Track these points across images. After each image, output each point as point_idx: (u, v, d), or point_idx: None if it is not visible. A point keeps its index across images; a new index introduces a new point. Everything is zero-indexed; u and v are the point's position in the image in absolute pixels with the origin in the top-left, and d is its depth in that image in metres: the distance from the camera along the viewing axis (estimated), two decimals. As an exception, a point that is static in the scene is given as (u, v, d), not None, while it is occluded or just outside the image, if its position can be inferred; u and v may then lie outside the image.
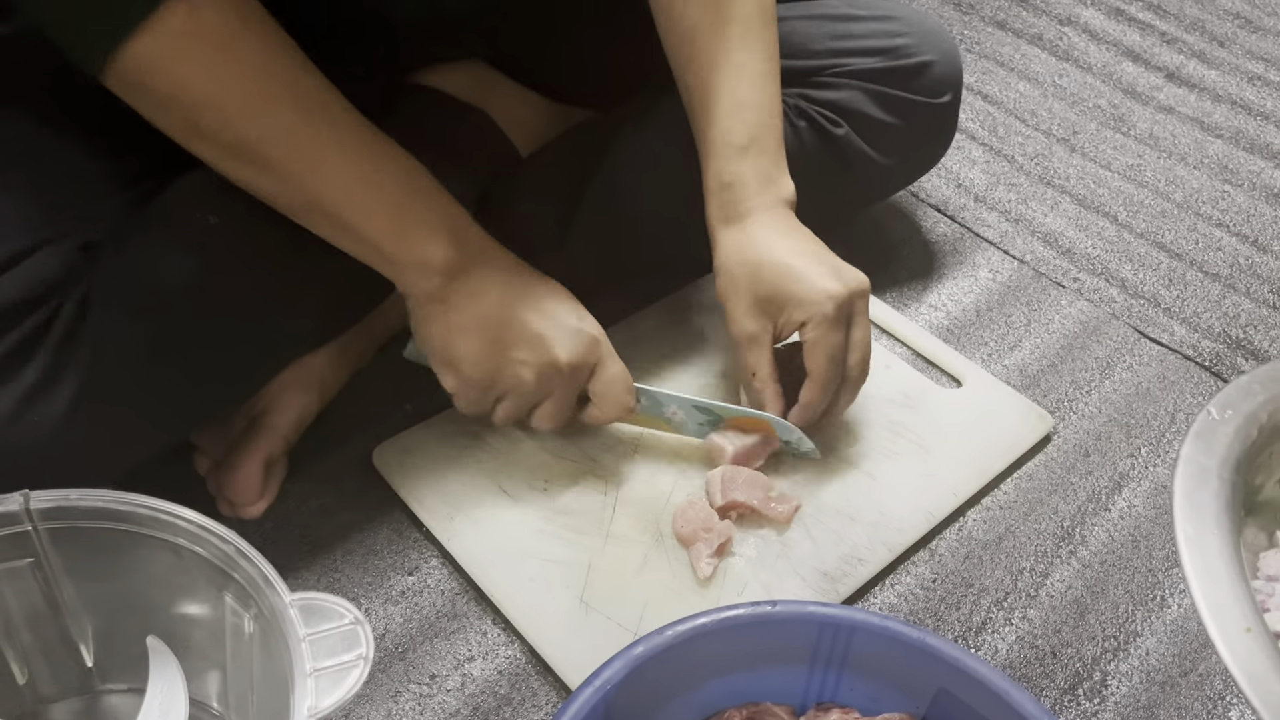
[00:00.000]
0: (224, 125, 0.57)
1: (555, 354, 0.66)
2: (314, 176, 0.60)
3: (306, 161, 0.59)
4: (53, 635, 0.57)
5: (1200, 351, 0.93)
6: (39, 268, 0.59)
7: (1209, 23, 1.40)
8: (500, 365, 0.66)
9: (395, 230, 0.62)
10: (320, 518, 0.74)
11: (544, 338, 0.66)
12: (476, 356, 0.66)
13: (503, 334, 0.65)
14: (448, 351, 0.66)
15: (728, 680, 0.58)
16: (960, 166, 1.12)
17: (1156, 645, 0.72)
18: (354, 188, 0.61)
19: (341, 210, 0.61)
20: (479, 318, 0.65)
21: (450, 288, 0.64)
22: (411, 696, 0.65)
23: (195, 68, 0.55)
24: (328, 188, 0.60)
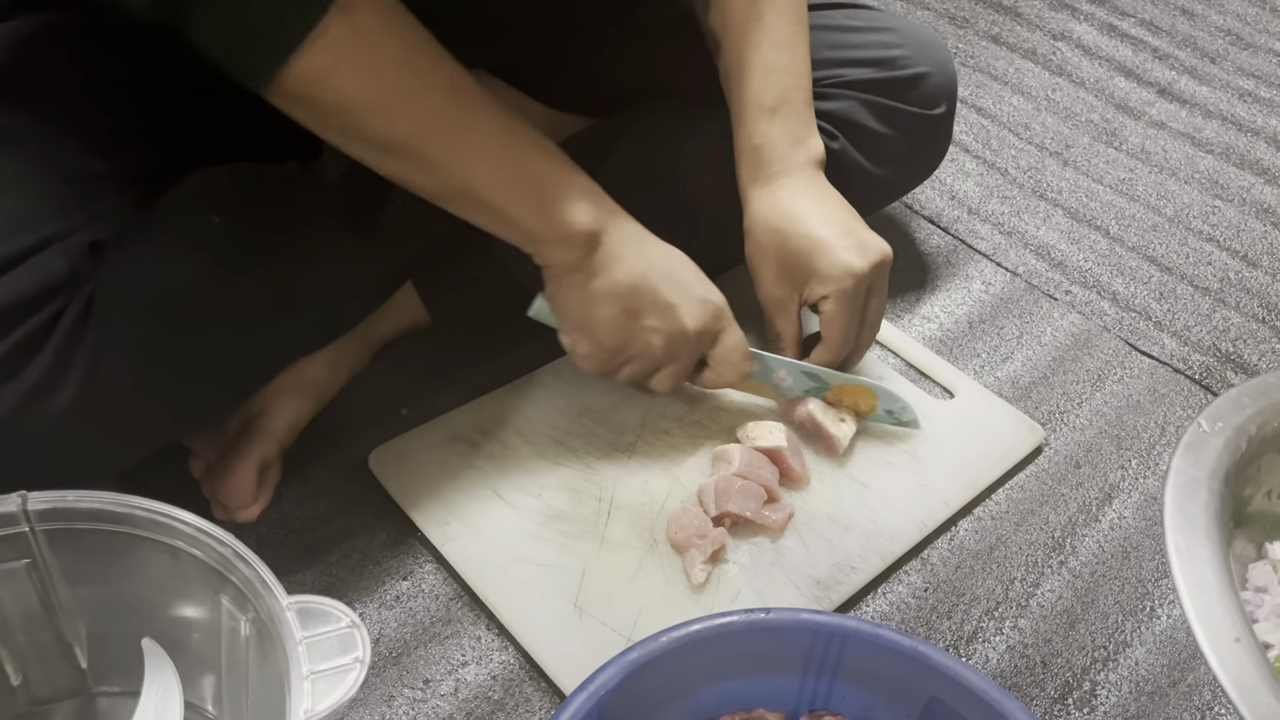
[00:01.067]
0: (382, 125, 0.59)
1: (684, 322, 0.69)
2: (463, 164, 0.62)
3: (455, 150, 0.61)
4: (48, 637, 0.57)
5: (1190, 365, 0.94)
6: (45, 266, 0.59)
7: (1200, 39, 1.41)
8: (633, 332, 0.69)
9: (539, 207, 0.64)
10: (316, 522, 0.74)
11: (674, 306, 0.69)
12: (611, 323, 0.69)
13: (636, 302, 0.68)
14: (585, 318, 0.69)
15: (721, 686, 0.58)
16: (954, 179, 1.12)
17: (1146, 655, 0.72)
18: (499, 171, 0.63)
19: (489, 193, 0.63)
20: (614, 287, 0.67)
21: (588, 259, 0.66)
22: (405, 701, 0.65)
23: (355, 73, 0.57)
24: (475, 173, 0.62)
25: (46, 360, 0.58)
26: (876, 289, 0.77)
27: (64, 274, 0.60)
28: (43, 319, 0.58)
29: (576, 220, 0.65)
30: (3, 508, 0.52)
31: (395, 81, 0.58)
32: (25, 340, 0.57)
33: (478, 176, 0.62)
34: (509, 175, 0.63)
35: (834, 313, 0.75)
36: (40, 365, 0.58)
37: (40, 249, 0.59)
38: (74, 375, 0.59)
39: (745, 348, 0.74)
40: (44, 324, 0.58)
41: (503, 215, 0.64)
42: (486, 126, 0.62)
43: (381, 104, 0.58)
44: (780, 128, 0.75)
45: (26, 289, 0.58)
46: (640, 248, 0.69)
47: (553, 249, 0.66)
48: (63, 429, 0.59)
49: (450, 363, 0.84)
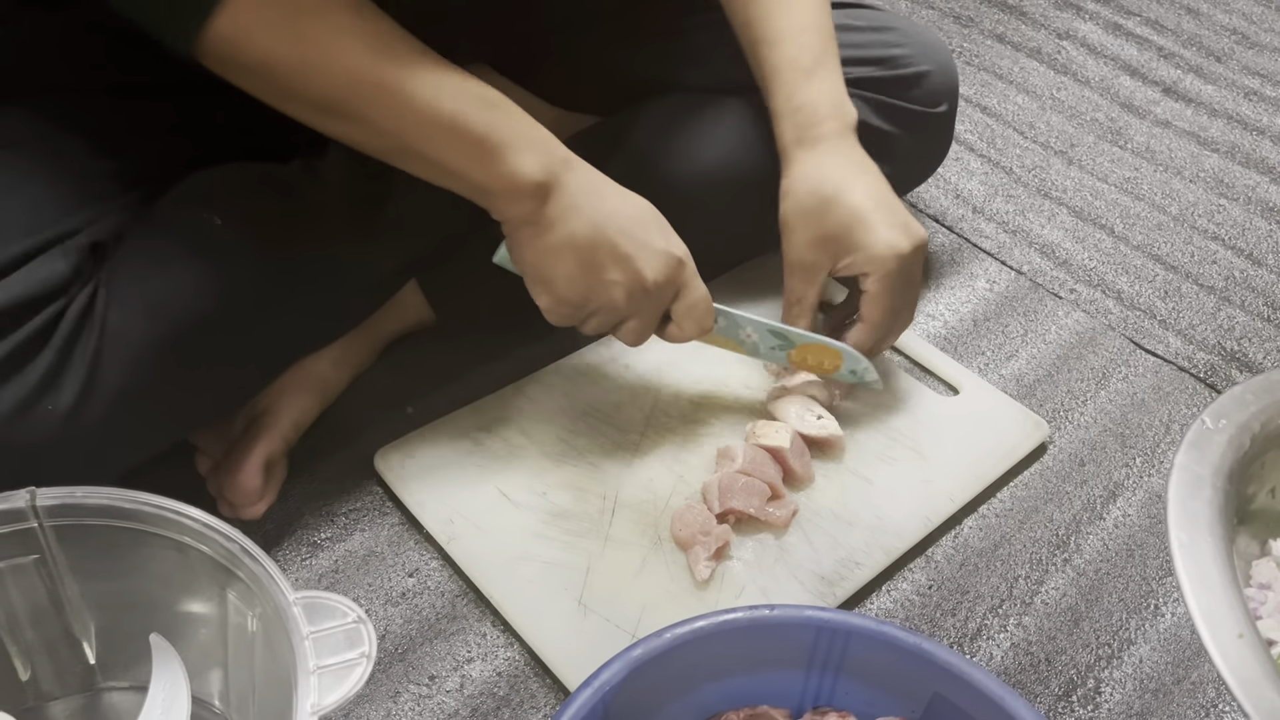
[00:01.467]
0: (305, 84, 0.58)
1: (643, 274, 0.68)
2: (396, 120, 0.61)
3: (387, 106, 0.60)
4: (56, 632, 0.57)
5: (1195, 363, 0.94)
6: (48, 267, 0.59)
7: (1206, 38, 1.41)
8: (592, 285, 0.67)
9: (482, 160, 0.63)
10: (322, 519, 0.74)
11: (632, 258, 0.67)
12: (570, 276, 0.67)
13: (594, 255, 0.66)
14: (542, 272, 0.67)
15: (725, 683, 0.58)
16: (958, 177, 1.12)
17: (1150, 653, 0.72)
18: (436, 124, 0.61)
19: (428, 148, 0.62)
20: (571, 239, 0.66)
21: (542, 211, 0.65)
22: (411, 697, 0.65)
23: (273, 33, 0.57)
24: (411, 128, 0.61)
25: (48, 360, 0.58)
26: (915, 275, 0.77)
27: (66, 275, 0.60)
28: (44, 319, 0.59)
29: (524, 171, 0.63)
30: (12, 504, 0.52)
31: (315, 39, 0.58)
32: (27, 340, 0.58)
33: (414, 132, 0.61)
34: (445, 130, 0.62)
35: (878, 292, 0.75)
36: (42, 365, 0.58)
37: (43, 250, 0.60)
38: (75, 375, 0.59)
39: (708, 302, 0.73)
40: (46, 324, 0.59)
41: (447, 170, 0.63)
42: (420, 80, 0.61)
43: (302, 63, 0.58)
44: (820, 89, 0.75)
45: (29, 290, 0.58)
46: (597, 198, 0.67)
47: (503, 202, 0.65)
48: (65, 428, 0.59)
49: (455, 361, 0.84)
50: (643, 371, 0.84)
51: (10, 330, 0.57)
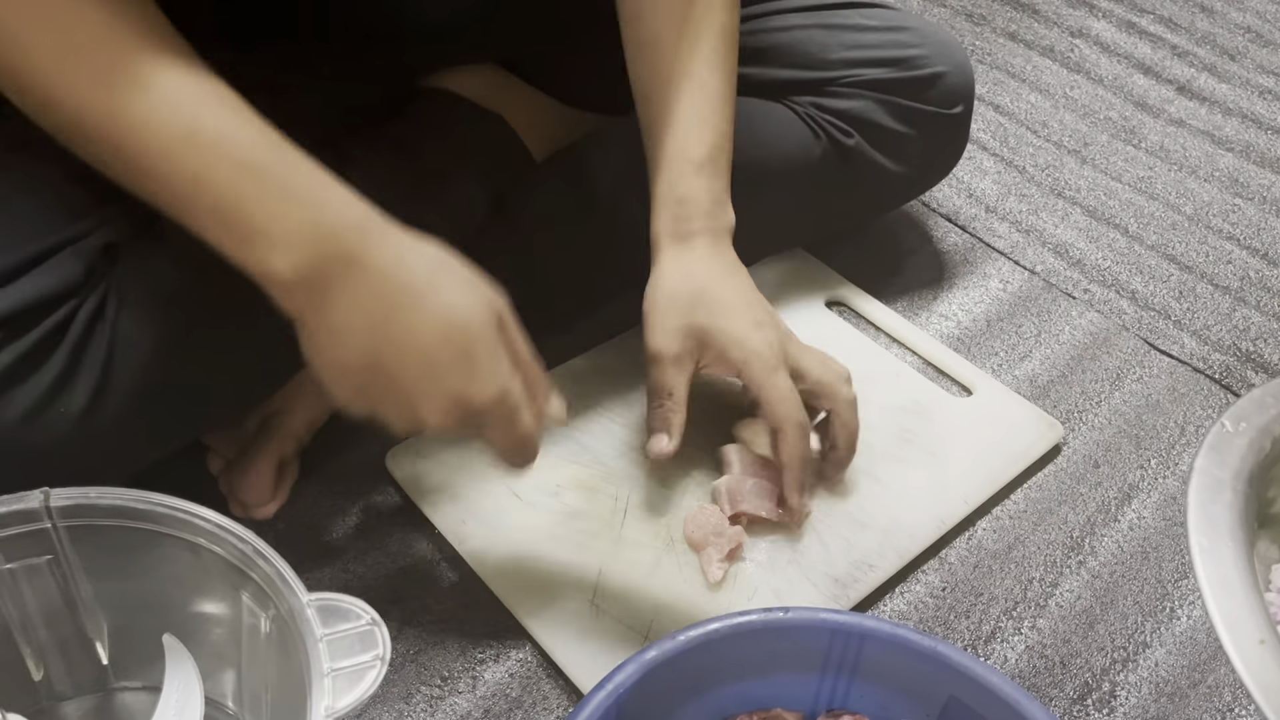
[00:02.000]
0: (42, 108, 0.50)
1: (424, 419, 0.55)
2: (128, 165, 0.51)
3: (117, 147, 0.50)
4: (69, 632, 0.57)
5: (1210, 364, 0.94)
6: (60, 269, 0.59)
7: (1220, 36, 1.40)
8: (371, 412, 0.56)
9: (230, 239, 0.52)
10: (333, 520, 0.74)
11: (411, 399, 0.54)
12: (343, 396, 0.56)
13: (370, 383, 0.54)
14: (325, 386, 0.56)
15: (739, 685, 0.58)
16: (971, 177, 1.12)
17: (1166, 656, 0.72)
18: (175, 180, 0.50)
19: (172, 202, 0.51)
20: (341, 360, 0.54)
21: (308, 315, 0.53)
22: (423, 698, 0.65)
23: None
24: (148, 178, 0.51)
25: (61, 362, 0.58)
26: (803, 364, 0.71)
27: (79, 276, 0.60)
28: (56, 321, 0.59)
29: (274, 266, 0.51)
30: (25, 504, 0.52)
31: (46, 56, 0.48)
32: (40, 343, 0.58)
33: (151, 182, 0.51)
34: (187, 187, 0.50)
35: (761, 384, 0.69)
36: (55, 367, 0.58)
37: (55, 252, 0.60)
38: (88, 377, 0.59)
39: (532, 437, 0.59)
40: (58, 326, 0.59)
41: (203, 235, 0.52)
42: (165, 119, 0.49)
43: (34, 83, 0.49)
44: (707, 185, 0.71)
45: (41, 292, 0.58)
46: (383, 312, 0.53)
47: (265, 289, 0.53)
48: (78, 430, 0.59)
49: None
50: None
51: (23, 333, 0.57)
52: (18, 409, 0.57)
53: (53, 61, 0.49)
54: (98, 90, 0.49)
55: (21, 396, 0.57)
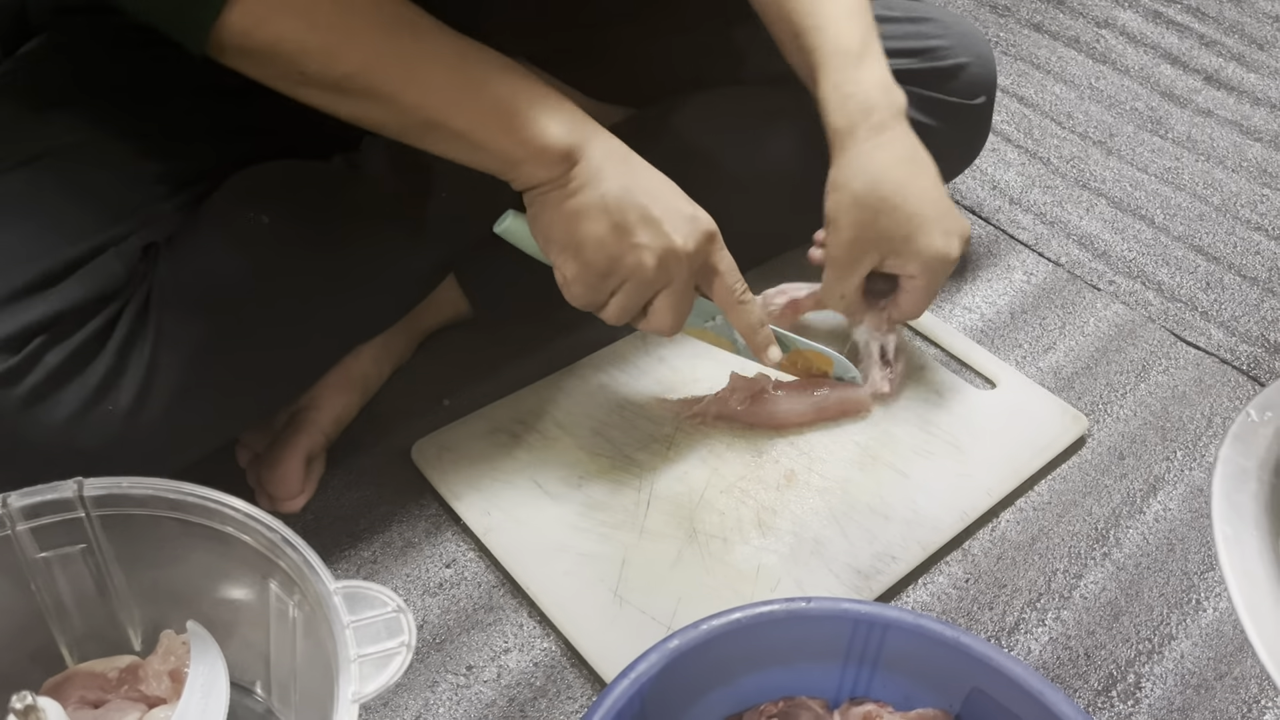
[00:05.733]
0: (324, 66, 0.58)
1: (674, 239, 0.66)
2: (418, 95, 0.60)
3: (408, 82, 0.60)
4: (102, 620, 0.58)
5: (1237, 355, 0.93)
6: (104, 269, 0.60)
7: (1248, 25, 1.38)
8: (622, 249, 0.65)
9: (508, 128, 0.62)
10: (360, 510, 0.75)
11: (663, 221, 0.65)
12: (599, 240, 0.65)
13: (623, 217, 0.65)
14: (571, 235, 0.65)
15: (762, 675, 0.58)
16: (995, 168, 1.11)
17: (1191, 648, 0.71)
18: (458, 96, 0.61)
19: (452, 120, 0.61)
20: (600, 200, 0.64)
21: (570, 174, 0.64)
22: (448, 687, 0.66)
23: (285, 19, 0.57)
24: (433, 102, 0.61)
25: (107, 362, 0.59)
26: None
27: (121, 278, 0.61)
28: (102, 322, 0.60)
29: (551, 137, 0.63)
30: (59, 494, 0.53)
31: (330, 21, 0.57)
32: (86, 343, 0.59)
33: (436, 106, 0.61)
34: (470, 101, 0.61)
35: (923, 290, 0.76)
36: (101, 367, 0.59)
37: (98, 254, 0.61)
38: (133, 376, 0.60)
39: (738, 274, 0.71)
40: (103, 327, 0.60)
41: (472, 142, 0.62)
42: (438, 54, 0.61)
43: (320, 46, 0.58)
44: (870, 74, 0.74)
45: (86, 294, 0.59)
46: (624, 164, 0.66)
47: (530, 169, 0.64)
48: (124, 429, 0.60)
49: (491, 354, 0.85)
50: (677, 364, 0.84)
51: (70, 334, 0.58)
52: (65, 409, 0.58)
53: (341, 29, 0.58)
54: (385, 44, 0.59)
55: (69, 397, 0.58)
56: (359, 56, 0.59)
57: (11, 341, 0.56)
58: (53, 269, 0.59)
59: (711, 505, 0.74)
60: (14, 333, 0.57)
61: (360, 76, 0.59)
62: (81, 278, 0.59)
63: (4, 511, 0.52)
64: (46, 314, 0.58)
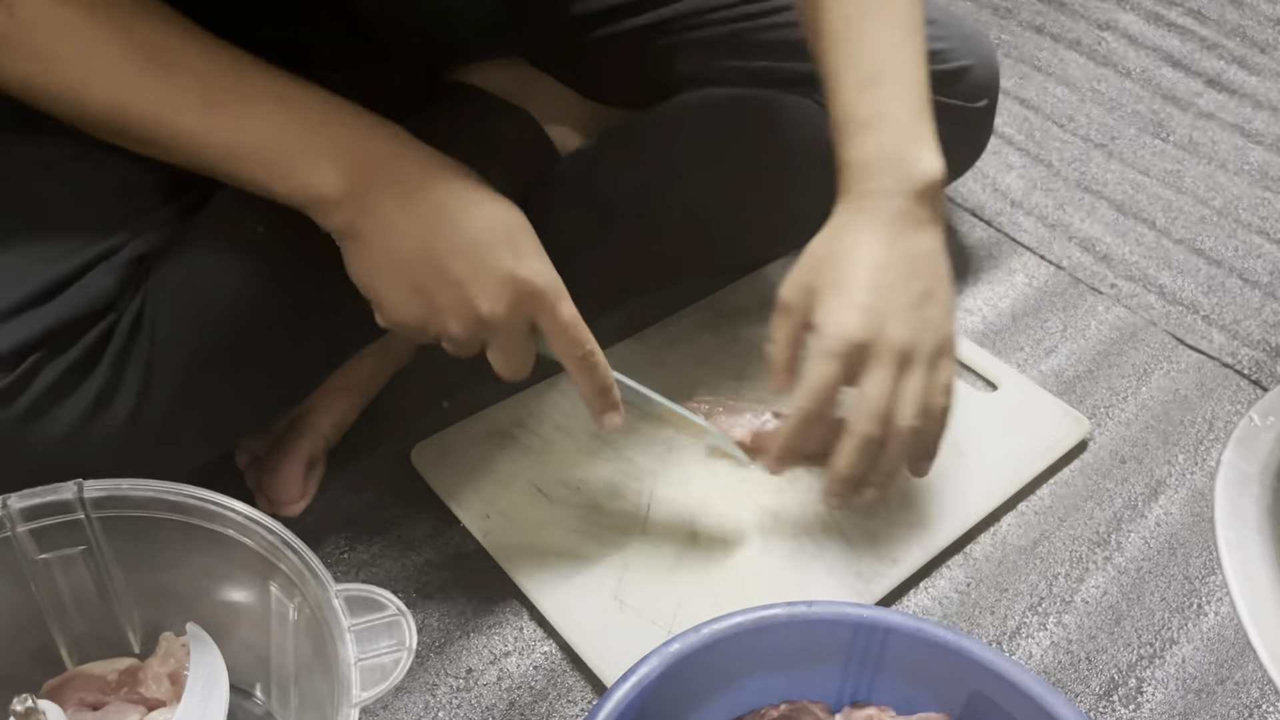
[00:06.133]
0: (74, 108, 0.55)
1: (477, 305, 0.58)
2: (170, 140, 0.56)
3: (155, 125, 0.55)
4: (102, 622, 0.58)
5: (1239, 359, 0.93)
6: (96, 283, 0.60)
7: (1250, 28, 1.38)
8: (425, 312, 0.59)
9: (274, 173, 0.56)
10: (360, 513, 0.75)
11: (466, 285, 0.57)
12: (398, 299, 0.59)
13: (423, 276, 0.58)
14: (371, 292, 0.60)
15: (763, 679, 0.58)
16: (997, 171, 1.11)
17: (1193, 653, 0.71)
18: (216, 134, 0.56)
19: (215, 164, 0.57)
20: (392, 257, 0.58)
21: (359, 223, 0.57)
22: (448, 690, 0.66)
23: (27, 61, 0.54)
24: (188, 147, 0.56)
25: (103, 376, 0.59)
26: (916, 373, 0.63)
27: (114, 291, 0.61)
28: (96, 335, 0.59)
29: (321, 183, 0.56)
30: (60, 495, 0.53)
31: (71, 61, 0.54)
32: (81, 358, 0.59)
33: (192, 151, 0.56)
34: (228, 144, 0.56)
35: (808, 367, 0.64)
36: (97, 381, 0.59)
37: (91, 267, 0.60)
38: (129, 388, 0.60)
39: (578, 327, 0.62)
40: (98, 340, 0.60)
41: (248, 180, 0.57)
42: (190, 91, 0.55)
43: (62, 88, 0.55)
44: (875, 142, 0.66)
45: (80, 307, 0.59)
46: (432, 209, 0.57)
47: (313, 212, 0.58)
48: (121, 441, 0.60)
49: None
50: (677, 366, 0.84)
51: (65, 349, 0.58)
52: (63, 424, 0.58)
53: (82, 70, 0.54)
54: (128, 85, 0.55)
55: (66, 412, 0.58)
56: (103, 97, 0.55)
57: (6, 359, 0.56)
58: (45, 285, 0.58)
59: (712, 508, 0.74)
60: (8, 350, 0.56)
61: (110, 119, 0.55)
62: (74, 292, 0.59)
63: (4, 513, 0.52)
64: (40, 330, 0.57)
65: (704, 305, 0.90)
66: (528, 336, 0.62)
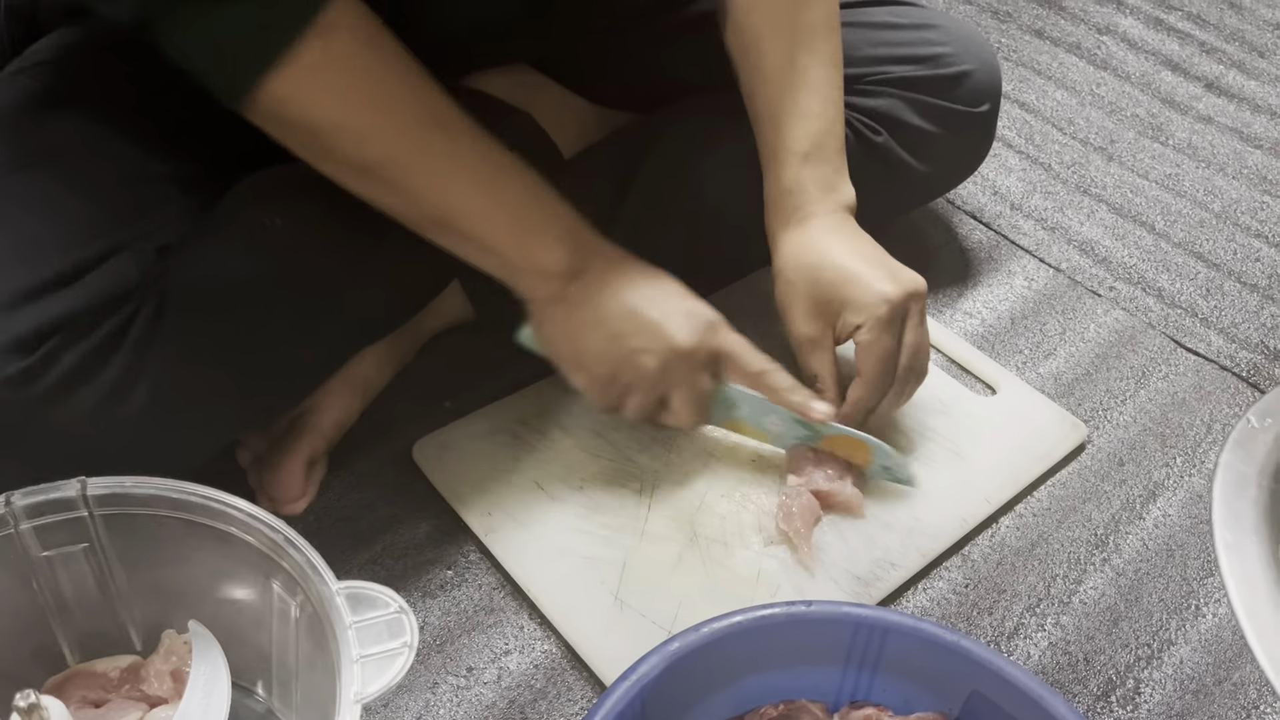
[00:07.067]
0: (352, 149, 0.60)
1: (673, 338, 0.67)
2: (438, 193, 0.62)
3: (429, 179, 0.61)
4: (104, 619, 0.58)
5: (1237, 362, 0.93)
6: (119, 270, 0.60)
7: (1249, 33, 1.39)
8: (622, 356, 0.67)
9: (516, 240, 0.65)
10: (362, 511, 0.75)
11: (659, 324, 0.67)
12: (599, 351, 0.67)
13: (621, 326, 0.66)
14: (572, 349, 0.68)
15: (762, 678, 0.58)
16: (997, 174, 1.12)
17: (1190, 654, 0.71)
18: (475, 201, 0.63)
19: (464, 223, 0.63)
20: (597, 314, 0.66)
21: (569, 290, 0.66)
22: (449, 688, 0.66)
23: (326, 97, 0.58)
24: (451, 202, 0.63)
25: (122, 363, 0.59)
26: (913, 321, 0.73)
27: (135, 278, 0.61)
28: (117, 323, 0.60)
29: (555, 254, 0.65)
30: (63, 493, 0.53)
31: (368, 106, 0.59)
32: (102, 344, 0.59)
33: (453, 206, 0.63)
34: (486, 206, 0.63)
35: (869, 341, 0.71)
36: (116, 368, 0.59)
37: (113, 254, 0.61)
38: (147, 377, 0.60)
39: (753, 350, 0.71)
40: (119, 327, 0.60)
41: (481, 246, 0.64)
42: (464, 155, 0.62)
43: (352, 128, 0.59)
44: (812, 173, 0.73)
45: (101, 294, 0.59)
46: (621, 274, 0.67)
47: (533, 280, 0.66)
48: (137, 428, 0.60)
49: (493, 356, 0.85)
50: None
51: (86, 334, 0.58)
52: (81, 409, 0.58)
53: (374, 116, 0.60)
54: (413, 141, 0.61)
55: (85, 397, 0.58)
56: (387, 148, 0.60)
57: (28, 341, 0.57)
58: (68, 269, 0.59)
59: (713, 509, 0.74)
60: (30, 332, 0.57)
61: (385, 168, 0.60)
62: (97, 278, 0.59)
63: (7, 510, 0.52)
64: (62, 314, 0.58)
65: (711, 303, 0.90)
66: (709, 376, 0.70)
